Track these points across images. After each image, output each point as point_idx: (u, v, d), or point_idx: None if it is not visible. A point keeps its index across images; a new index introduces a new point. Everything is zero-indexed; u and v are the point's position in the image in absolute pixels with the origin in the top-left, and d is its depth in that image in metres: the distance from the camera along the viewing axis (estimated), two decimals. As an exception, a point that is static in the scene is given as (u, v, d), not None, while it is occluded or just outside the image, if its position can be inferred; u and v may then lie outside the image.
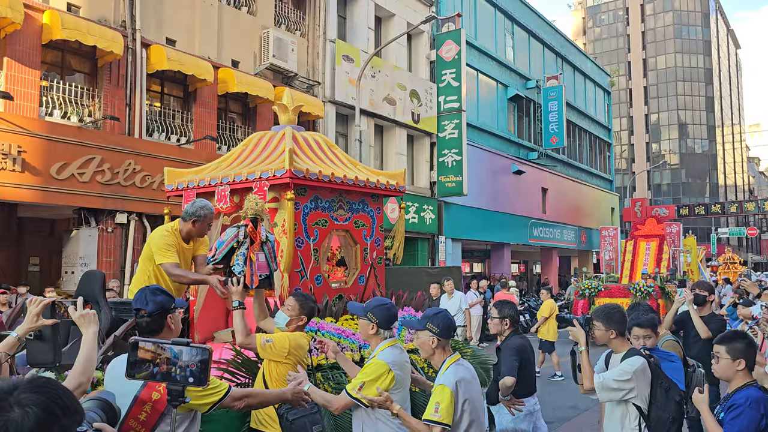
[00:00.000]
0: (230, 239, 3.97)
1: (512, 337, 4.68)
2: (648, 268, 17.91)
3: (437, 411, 3.13)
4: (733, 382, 3.22)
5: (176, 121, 13.25)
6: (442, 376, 3.25)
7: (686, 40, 69.25)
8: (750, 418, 3.01)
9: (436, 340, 3.30)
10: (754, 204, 39.16)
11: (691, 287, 7.10)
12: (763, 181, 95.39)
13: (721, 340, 3.31)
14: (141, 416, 2.54)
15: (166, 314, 2.78)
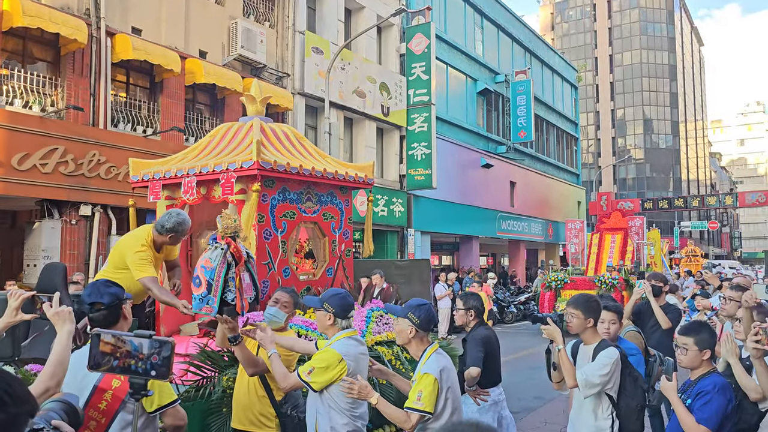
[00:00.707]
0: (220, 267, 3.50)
1: (478, 328, 4.73)
2: (613, 261, 18.26)
3: (419, 399, 3.18)
4: (697, 371, 3.32)
5: (142, 112, 13.03)
6: (425, 365, 3.30)
7: (651, 36, 70.50)
8: (719, 404, 3.13)
9: (414, 331, 3.35)
10: (716, 198, 40.20)
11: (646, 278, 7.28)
12: (725, 176, 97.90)
13: (687, 331, 3.38)
14: (101, 405, 2.53)
15: (121, 304, 2.78)
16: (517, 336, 16.44)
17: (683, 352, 3.34)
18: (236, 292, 3.50)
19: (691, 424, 3.14)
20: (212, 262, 3.51)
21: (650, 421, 6.04)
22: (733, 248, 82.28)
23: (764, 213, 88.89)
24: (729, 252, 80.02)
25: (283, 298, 3.88)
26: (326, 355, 3.34)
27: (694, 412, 3.16)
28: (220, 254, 3.53)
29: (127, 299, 2.86)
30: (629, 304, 6.55)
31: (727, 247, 79.75)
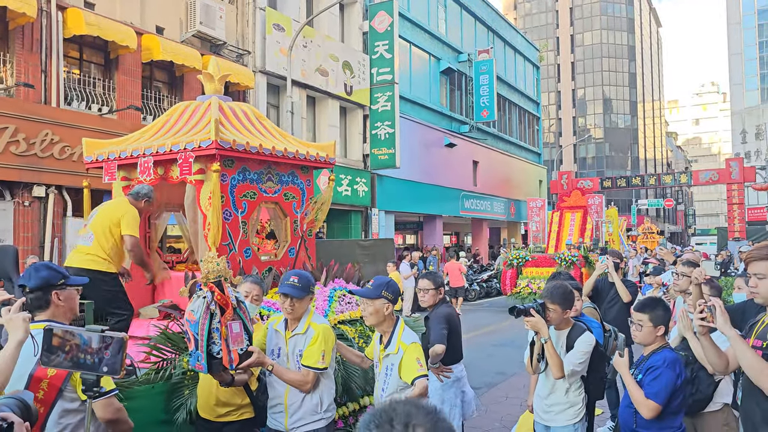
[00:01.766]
0: (203, 318, 3.16)
1: (440, 306, 4.77)
2: (572, 239, 18.61)
3: (422, 366, 3.36)
4: (650, 346, 3.41)
5: (97, 90, 12.65)
6: (405, 336, 3.46)
7: (611, 17, 71.36)
8: (668, 378, 3.22)
9: (390, 306, 3.47)
10: (671, 177, 41.17)
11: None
12: (680, 155, 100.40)
13: (642, 308, 3.45)
14: (39, 395, 2.46)
15: (51, 290, 2.68)
16: (480, 313, 16.70)
17: (638, 328, 3.41)
18: (222, 344, 3.15)
19: (641, 399, 3.23)
20: (195, 314, 3.17)
21: (606, 393, 6.23)
22: (687, 225, 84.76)
23: (717, 191, 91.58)
24: (684, 228, 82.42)
25: (254, 291, 3.88)
26: (326, 334, 3.47)
27: (644, 387, 3.25)
28: (202, 304, 3.17)
29: (65, 285, 2.74)
30: (590, 279, 6.70)
31: (681, 224, 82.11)
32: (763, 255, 2.73)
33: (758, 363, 2.54)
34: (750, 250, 2.85)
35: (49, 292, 2.68)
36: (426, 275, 4.89)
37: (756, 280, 2.74)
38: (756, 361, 2.55)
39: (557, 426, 3.78)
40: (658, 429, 3.24)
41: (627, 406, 3.40)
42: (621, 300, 6.41)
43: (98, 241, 4.73)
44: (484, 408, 7.23)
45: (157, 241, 5.92)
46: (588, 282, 6.71)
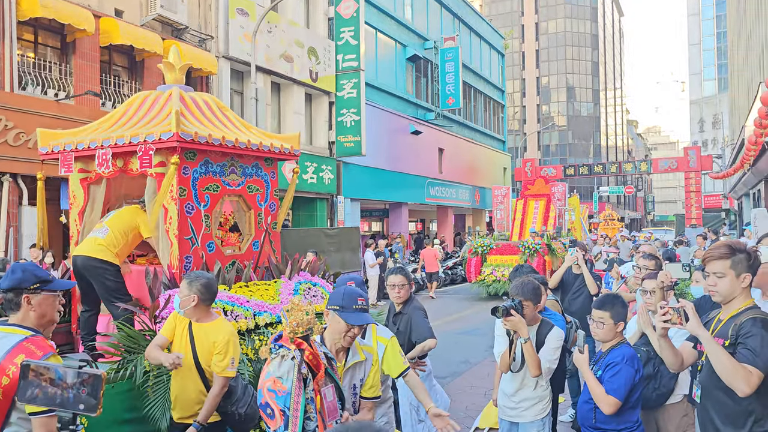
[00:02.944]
0: (297, 388, 2.51)
1: (414, 300, 4.74)
2: (536, 227, 18.87)
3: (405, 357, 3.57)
4: (609, 342, 3.46)
5: (53, 74, 12.25)
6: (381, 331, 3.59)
7: (575, 6, 72.06)
8: (627, 374, 3.28)
9: None
10: (632, 165, 42.03)
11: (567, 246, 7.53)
12: (640, 143, 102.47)
13: (602, 305, 3.48)
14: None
15: (21, 294, 2.59)
16: (445, 300, 16.84)
17: (599, 326, 3.45)
18: (318, 419, 2.55)
19: (601, 394, 3.28)
20: (284, 383, 2.51)
21: (568, 383, 6.34)
22: (647, 211, 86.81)
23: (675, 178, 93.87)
24: (643, 215, 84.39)
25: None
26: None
27: (604, 383, 3.31)
28: (292, 368, 2.53)
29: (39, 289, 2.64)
30: (559, 271, 6.74)
31: (641, 211, 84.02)
32: (722, 254, 2.79)
33: (731, 364, 2.58)
34: (708, 250, 2.90)
35: (20, 294, 2.59)
36: (398, 270, 4.79)
37: (715, 279, 2.80)
38: (729, 362, 2.59)
39: (525, 422, 3.82)
40: (617, 424, 3.31)
41: (586, 402, 3.46)
42: (585, 292, 6.51)
43: (113, 235, 4.82)
44: (450, 397, 7.31)
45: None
46: (556, 274, 6.76)
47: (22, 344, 2.47)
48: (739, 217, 35.86)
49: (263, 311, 4.80)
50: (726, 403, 2.72)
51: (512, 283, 3.97)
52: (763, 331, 2.64)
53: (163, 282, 4.56)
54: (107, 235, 4.82)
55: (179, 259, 4.73)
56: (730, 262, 2.77)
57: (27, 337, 2.52)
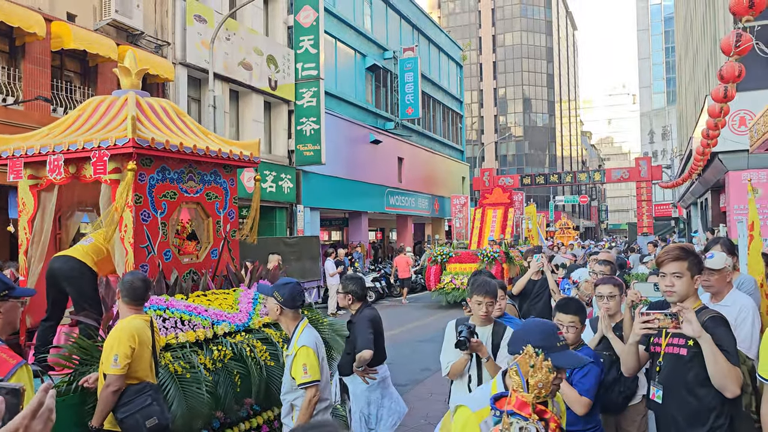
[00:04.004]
0: None
1: (364, 309, 4.79)
2: (494, 235, 19.11)
3: (307, 372, 3.48)
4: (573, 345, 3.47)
5: (2, 79, 11.85)
6: (301, 338, 3.58)
7: (531, 19, 73.69)
8: (595, 373, 3.33)
9: (280, 308, 3.66)
10: (586, 174, 43.03)
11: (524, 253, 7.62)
12: (594, 153, 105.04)
13: (573, 310, 3.50)
14: None
15: None
16: (405, 309, 16.86)
17: (572, 331, 3.45)
18: None
19: (575, 396, 3.30)
20: None
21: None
22: (601, 220, 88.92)
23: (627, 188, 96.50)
24: (597, 224, 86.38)
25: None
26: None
27: (575, 385, 3.33)
28: None
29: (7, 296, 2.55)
30: (524, 278, 6.78)
31: (595, 219, 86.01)
32: (678, 256, 2.88)
33: (726, 366, 2.63)
34: (664, 251, 2.97)
35: None
36: (342, 279, 5.01)
37: (673, 279, 2.87)
38: (726, 364, 2.63)
39: None
40: (584, 425, 3.34)
41: None
42: (545, 298, 6.59)
43: (95, 245, 4.82)
44: (410, 405, 7.31)
45: (69, 242, 5.60)
46: (521, 280, 6.79)
47: None
48: (688, 225, 37.04)
49: (222, 320, 4.72)
50: (690, 402, 2.78)
51: (472, 282, 3.99)
52: (727, 330, 2.73)
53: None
54: (91, 243, 4.83)
55: (135, 267, 4.61)
56: (687, 263, 2.86)
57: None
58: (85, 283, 4.59)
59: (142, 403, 3.38)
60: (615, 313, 3.92)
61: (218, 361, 4.41)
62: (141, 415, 3.35)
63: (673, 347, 2.91)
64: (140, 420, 3.34)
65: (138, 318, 3.58)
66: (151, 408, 3.39)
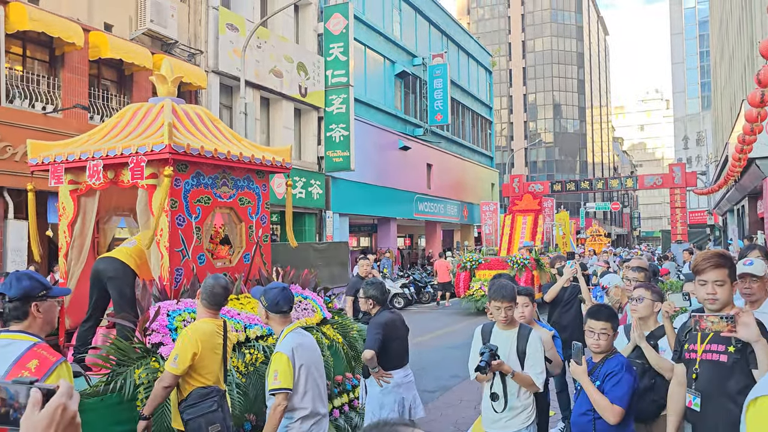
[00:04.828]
0: None
1: (381, 312, 4.77)
2: (525, 239, 18.94)
3: (276, 378, 3.42)
4: (604, 353, 3.43)
5: (41, 87, 12.20)
6: (280, 345, 3.54)
7: (561, 24, 73.10)
8: (629, 382, 3.27)
9: (266, 312, 3.64)
10: (618, 181, 42.42)
11: (551, 260, 7.51)
12: (626, 160, 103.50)
13: (605, 317, 3.45)
14: None
15: (31, 301, 2.58)
16: (434, 315, 16.81)
17: (604, 338, 3.40)
18: None
19: (606, 404, 3.24)
20: None
21: (558, 398, 6.34)
22: (633, 227, 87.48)
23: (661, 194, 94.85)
24: (629, 231, 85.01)
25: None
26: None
27: (607, 393, 3.27)
28: None
29: (45, 297, 2.62)
30: (559, 283, 6.68)
31: (627, 227, 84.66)
32: (719, 263, 2.83)
33: None
34: (703, 259, 2.92)
35: (29, 303, 2.57)
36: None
37: (715, 287, 2.83)
38: None
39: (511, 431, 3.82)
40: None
41: (583, 414, 3.41)
42: (576, 305, 6.51)
43: (137, 248, 4.94)
44: (439, 412, 7.29)
45: (106, 246, 5.74)
46: (555, 287, 6.69)
47: (34, 350, 2.46)
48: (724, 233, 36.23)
49: (254, 324, 4.78)
50: (731, 410, 2.69)
51: (490, 287, 3.98)
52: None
53: (153, 294, 4.53)
54: (134, 246, 4.93)
55: (170, 271, 4.71)
56: (728, 270, 2.81)
57: (36, 343, 2.51)
58: (126, 285, 4.69)
59: (207, 407, 3.44)
60: (647, 318, 3.87)
61: (250, 365, 4.47)
62: (205, 420, 3.42)
63: (711, 354, 2.84)
64: (203, 424, 3.40)
65: (210, 322, 3.65)
66: (216, 414, 3.45)
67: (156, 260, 4.76)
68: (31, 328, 2.58)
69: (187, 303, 4.48)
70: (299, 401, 3.51)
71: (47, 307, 2.64)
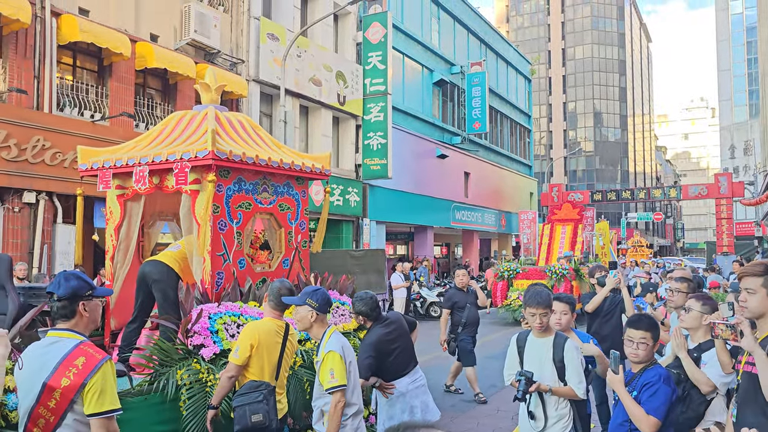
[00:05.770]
0: None
1: (372, 329, 4.66)
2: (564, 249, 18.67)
3: (333, 377, 3.50)
4: (642, 363, 3.38)
5: (90, 96, 12.60)
6: (328, 344, 3.61)
7: (602, 32, 72.10)
8: (666, 394, 3.21)
9: (315, 314, 3.70)
10: (660, 191, 41.40)
11: (589, 270, 7.38)
12: (669, 169, 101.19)
13: (646, 327, 3.40)
14: (51, 403, 2.48)
15: (79, 300, 2.67)
16: (470, 325, 16.64)
17: (642, 347, 3.35)
18: None
19: (641, 415, 3.19)
20: None
21: (597, 410, 6.23)
22: (676, 239, 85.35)
23: (706, 205, 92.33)
24: (672, 242, 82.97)
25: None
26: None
27: (643, 404, 3.22)
28: None
29: (91, 296, 2.73)
30: (601, 294, 6.56)
31: (670, 238, 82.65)
32: (756, 271, 2.78)
33: None
34: (745, 266, 2.89)
35: (77, 302, 2.67)
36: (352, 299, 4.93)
37: (746, 295, 2.78)
38: None
39: None
40: None
41: (620, 425, 3.38)
42: (616, 315, 6.40)
43: (182, 252, 5.09)
44: (476, 421, 7.23)
45: (150, 250, 5.88)
46: (597, 297, 6.57)
47: (80, 347, 2.56)
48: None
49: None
50: (762, 423, 2.64)
51: (525, 293, 3.97)
52: None
53: (195, 297, 4.62)
54: (178, 250, 5.08)
55: (211, 275, 4.80)
56: (762, 279, 2.75)
57: (82, 341, 2.60)
58: (170, 288, 4.81)
59: (254, 398, 3.60)
60: (695, 329, 3.78)
61: (289, 368, 4.51)
62: (250, 409, 3.56)
63: (748, 365, 2.79)
64: (248, 412, 3.55)
65: (272, 322, 3.87)
66: (260, 405, 3.59)
67: (198, 264, 4.86)
68: (77, 326, 2.68)
69: (228, 306, 4.56)
70: (350, 397, 3.63)
71: (93, 306, 2.75)
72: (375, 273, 15.71)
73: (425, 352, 10.50)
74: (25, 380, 2.54)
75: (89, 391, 2.46)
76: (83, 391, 2.48)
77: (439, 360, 10.85)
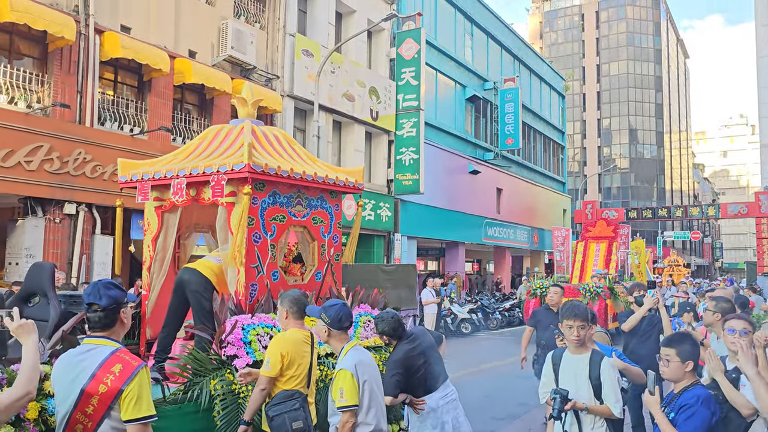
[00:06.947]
0: None
1: (397, 346, 4.60)
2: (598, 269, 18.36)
3: (343, 396, 3.48)
4: (681, 383, 3.29)
5: (130, 111, 12.93)
6: (342, 362, 3.60)
7: (638, 48, 71.29)
8: (703, 417, 3.09)
9: (328, 329, 3.70)
10: (698, 209, 40.53)
11: (628, 288, 7.25)
12: (707, 187, 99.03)
13: (669, 343, 3.36)
14: (88, 409, 2.52)
15: (119, 309, 2.73)
16: (502, 342, 16.49)
17: (666, 364, 3.31)
18: None
19: None
20: None
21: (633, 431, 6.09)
22: (715, 258, 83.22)
23: (745, 224, 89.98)
24: (710, 262, 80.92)
25: None
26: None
27: (678, 427, 3.13)
28: None
29: (127, 303, 2.80)
30: (639, 313, 6.44)
31: (708, 258, 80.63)
32: None
33: None
34: None
35: (118, 311, 2.74)
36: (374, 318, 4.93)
37: None
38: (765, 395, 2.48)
39: None
40: None
41: None
42: (654, 335, 6.27)
43: (222, 266, 5.09)
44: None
45: (186, 261, 5.97)
46: (634, 317, 6.44)
47: (117, 354, 2.62)
48: (817, 266, 33.91)
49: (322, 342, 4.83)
50: None
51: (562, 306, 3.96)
52: None
53: (230, 308, 4.67)
54: (219, 264, 5.11)
55: (245, 286, 4.85)
56: None
57: (119, 348, 2.66)
58: (205, 298, 4.85)
59: (291, 406, 3.63)
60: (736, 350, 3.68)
61: (320, 381, 4.51)
62: (289, 417, 3.60)
63: None
64: (287, 420, 3.59)
65: (298, 332, 3.91)
66: (298, 413, 3.63)
67: (232, 275, 4.92)
68: (114, 333, 2.74)
69: (261, 318, 4.59)
70: (364, 417, 3.56)
71: (128, 312, 2.83)
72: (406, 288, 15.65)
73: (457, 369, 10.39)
74: (63, 387, 2.59)
75: (126, 398, 2.50)
76: (120, 397, 2.52)
77: (470, 376, 10.75)
